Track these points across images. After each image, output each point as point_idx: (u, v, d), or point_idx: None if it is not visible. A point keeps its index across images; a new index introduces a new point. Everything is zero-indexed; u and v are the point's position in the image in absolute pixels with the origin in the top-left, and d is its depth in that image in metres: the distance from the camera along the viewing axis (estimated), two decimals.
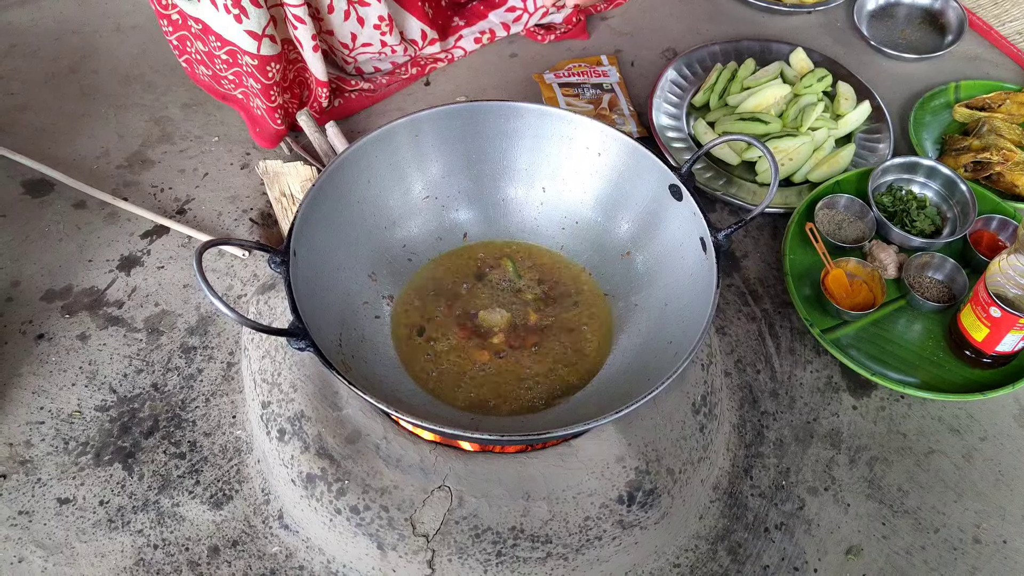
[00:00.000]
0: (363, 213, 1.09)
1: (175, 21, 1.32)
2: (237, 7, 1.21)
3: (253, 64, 1.28)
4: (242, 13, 1.22)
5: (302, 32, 1.29)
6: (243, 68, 1.30)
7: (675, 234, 1.05)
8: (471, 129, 1.12)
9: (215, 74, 1.36)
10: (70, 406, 1.13)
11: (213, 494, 1.07)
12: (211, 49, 1.31)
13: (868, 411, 1.17)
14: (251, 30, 1.24)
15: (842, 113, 1.45)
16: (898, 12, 1.72)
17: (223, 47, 1.28)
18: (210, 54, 1.32)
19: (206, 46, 1.32)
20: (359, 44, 1.43)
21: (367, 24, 1.38)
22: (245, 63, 1.29)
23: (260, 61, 1.27)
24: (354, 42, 1.42)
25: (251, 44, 1.25)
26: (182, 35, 1.35)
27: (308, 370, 1.04)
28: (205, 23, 1.27)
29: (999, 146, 1.38)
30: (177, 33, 1.34)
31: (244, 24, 1.23)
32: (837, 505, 1.09)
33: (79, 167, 1.40)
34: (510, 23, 1.59)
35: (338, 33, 1.39)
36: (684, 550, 1.04)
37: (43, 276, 1.26)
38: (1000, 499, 1.10)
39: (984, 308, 1.11)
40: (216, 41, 1.28)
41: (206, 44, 1.31)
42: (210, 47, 1.31)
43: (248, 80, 1.32)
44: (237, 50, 1.27)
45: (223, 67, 1.33)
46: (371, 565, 0.98)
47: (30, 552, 1.02)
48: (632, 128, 1.46)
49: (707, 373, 1.08)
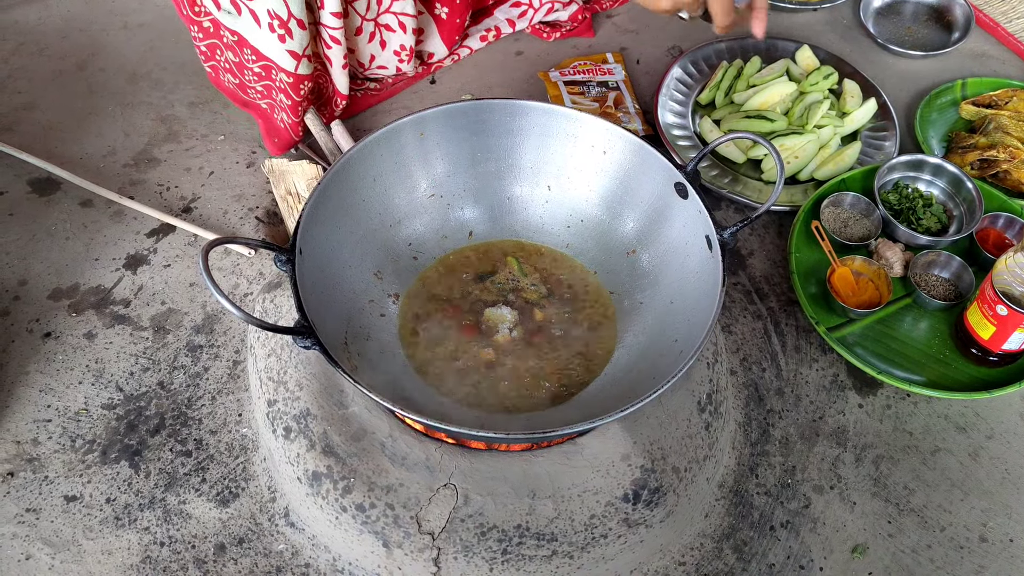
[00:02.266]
0: (369, 211, 1.09)
1: (206, 29, 1.31)
2: (283, 28, 1.21)
3: (288, 81, 1.28)
4: (287, 34, 1.23)
5: (335, 52, 1.30)
6: (275, 83, 1.30)
7: (681, 232, 1.05)
8: (476, 127, 1.12)
9: (242, 83, 1.36)
10: (77, 404, 1.14)
11: (219, 492, 1.07)
12: (243, 61, 1.30)
13: (874, 409, 1.16)
14: (293, 50, 1.25)
15: (848, 111, 1.45)
16: (904, 9, 1.71)
17: (258, 61, 1.28)
18: (241, 65, 1.32)
19: (237, 57, 1.31)
20: (375, 65, 1.45)
21: (388, 48, 1.40)
22: (279, 79, 1.28)
23: (295, 79, 1.28)
24: (371, 63, 1.44)
25: (291, 63, 1.26)
26: (212, 43, 1.34)
27: (314, 368, 1.04)
28: (242, 36, 1.26)
29: (1006, 144, 1.38)
30: (207, 41, 1.33)
31: (287, 44, 1.24)
32: (843, 503, 1.08)
33: (86, 166, 1.40)
34: (515, 19, 1.59)
35: (359, 52, 1.41)
36: (689, 548, 1.04)
37: (50, 275, 1.27)
38: (1007, 497, 1.09)
39: (991, 306, 1.10)
40: (251, 55, 1.28)
41: (238, 55, 1.30)
42: (242, 59, 1.30)
43: (279, 96, 1.32)
44: (272, 66, 1.27)
45: (253, 79, 1.33)
46: (376, 563, 0.98)
47: (37, 549, 1.02)
48: (637, 126, 1.46)
49: (712, 371, 1.08)
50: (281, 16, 1.20)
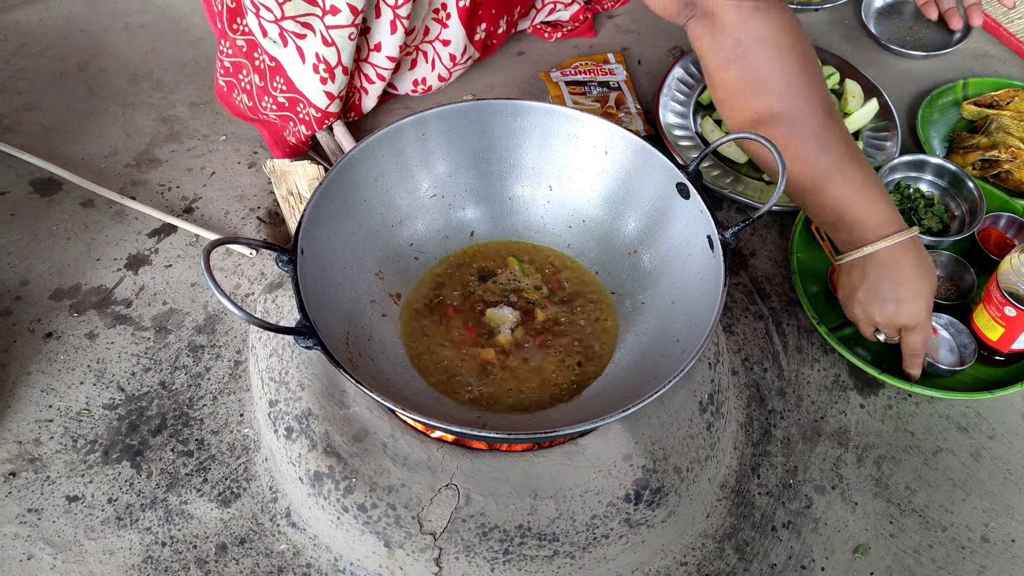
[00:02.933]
0: (370, 212, 1.09)
1: (239, 47, 1.28)
2: (328, 72, 1.22)
3: (315, 115, 1.28)
4: (330, 78, 1.24)
5: (376, 87, 1.32)
6: (297, 115, 1.30)
7: (682, 232, 1.05)
8: (478, 127, 1.12)
9: (255, 107, 1.34)
10: (78, 404, 1.14)
11: (221, 492, 1.07)
12: (268, 86, 1.28)
13: (876, 409, 1.16)
14: (330, 92, 1.26)
15: (849, 111, 1.45)
16: (906, 9, 1.71)
17: (287, 92, 1.27)
18: (264, 90, 1.30)
19: (263, 82, 1.29)
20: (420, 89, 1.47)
21: (430, 79, 1.43)
22: (306, 113, 1.28)
23: (323, 115, 1.28)
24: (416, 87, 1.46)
25: (324, 102, 1.27)
26: (240, 63, 1.32)
27: (315, 368, 1.04)
28: (280, 64, 1.26)
29: (1007, 144, 1.38)
30: (235, 59, 1.30)
31: (327, 86, 1.25)
32: (844, 504, 1.08)
33: (87, 166, 1.40)
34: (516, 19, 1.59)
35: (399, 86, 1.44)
36: (691, 548, 1.04)
37: (51, 275, 1.27)
38: (1008, 498, 1.09)
39: (998, 307, 1.10)
40: (282, 84, 1.27)
41: (264, 80, 1.29)
42: (268, 84, 1.28)
43: (299, 127, 1.31)
44: (302, 100, 1.27)
45: (272, 107, 1.32)
46: (378, 563, 0.98)
47: (39, 549, 1.02)
48: (639, 126, 1.46)
49: (714, 371, 1.08)
50: (329, 62, 1.21)
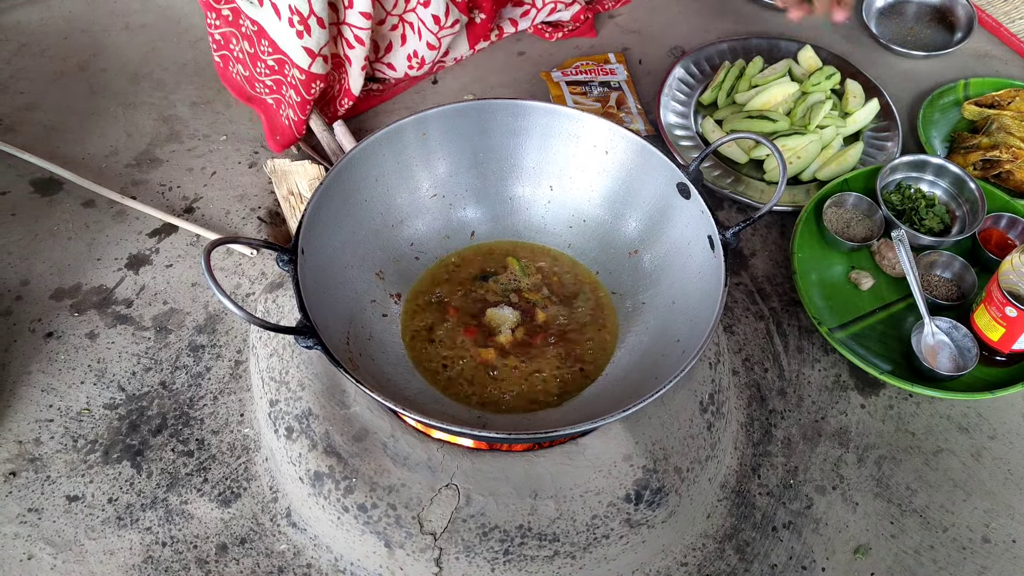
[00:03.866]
0: (371, 211, 1.09)
1: (225, 16, 1.29)
2: (302, 24, 1.21)
3: (300, 78, 1.27)
4: (305, 30, 1.22)
5: (357, 52, 1.30)
6: (286, 78, 1.30)
7: (683, 232, 1.05)
8: (479, 127, 1.12)
9: (252, 76, 1.35)
10: (79, 404, 1.14)
11: (221, 492, 1.07)
12: (258, 52, 1.29)
13: (876, 410, 1.16)
14: (309, 47, 1.24)
15: (850, 111, 1.45)
16: (907, 9, 1.71)
17: (273, 54, 1.27)
18: (255, 56, 1.30)
19: (253, 47, 1.30)
20: (385, 60, 1.45)
21: (400, 56, 1.41)
22: (292, 75, 1.28)
23: (308, 77, 1.27)
24: (387, 53, 1.44)
25: (305, 60, 1.25)
26: (229, 32, 1.32)
27: (316, 368, 1.04)
28: (262, 26, 1.25)
29: (1008, 144, 1.38)
30: (223, 29, 1.31)
31: (304, 40, 1.24)
32: (845, 504, 1.08)
33: (88, 166, 1.40)
34: (518, 19, 1.59)
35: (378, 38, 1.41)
36: (692, 549, 1.04)
37: (52, 275, 1.27)
38: (1009, 498, 1.09)
39: (999, 308, 1.10)
40: (268, 47, 1.27)
41: (254, 46, 1.29)
42: (258, 50, 1.29)
43: (288, 91, 1.31)
44: (287, 61, 1.27)
45: (266, 72, 1.32)
46: (378, 563, 0.98)
47: (39, 549, 1.02)
48: (640, 126, 1.46)
49: (715, 371, 1.08)
50: (302, 12, 1.20)
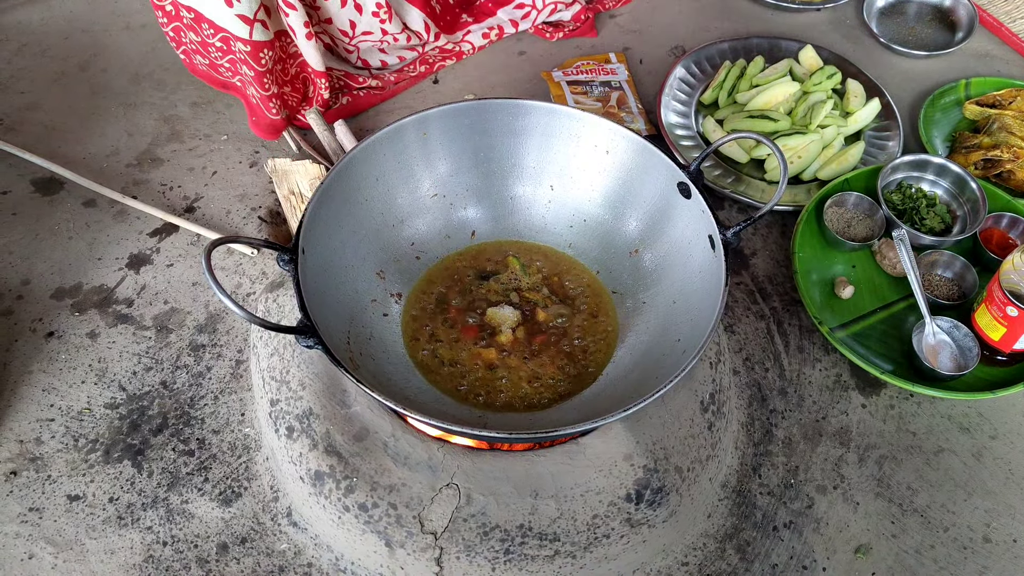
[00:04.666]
0: (371, 211, 1.09)
1: (168, 12, 1.31)
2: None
3: (246, 51, 1.27)
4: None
5: (294, 19, 1.29)
6: (236, 55, 1.29)
7: (684, 232, 1.05)
8: (479, 127, 1.12)
9: (212, 63, 1.36)
10: (80, 403, 1.14)
11: (222, 491, 1.07)
12: (204, 38, 1.30)
13: (877, 409, 1.16)
14: (242, 14, 1.24)
15: (851, 111, 1.44)
16: (908, 9, 1.71)
17: (216, 34, 1.28)
18: (204, 43, 1.31)
19: (199, 35, 1.30)
20: (359, 32, 1.43)
21: (365, 12, 1.38)
22: (238, 50, 1.28)
23: (252, 47, 1.27)
24: (353, 30, 1.42)
25: (243, 29, 1.25)
26: (176, 26, 1.34)
27: (316, 368, 1.04)
28: (197, 11, 1.26)
29: (1009, 143, 1.38)
30: (172, 24, 1.33)
31: (235, 8, 1.23)
32: (846, 504, 1.08)
33: (89, 165, 1.40)
34: (518, 20, 1.59)
35: (336, 21, 1.39)
36: (692, 548, 1.04)
37: (53, 274, 1.27)
38: (1010, 498, 1.09)
39: (1000, 307, 1.10)
40: (209, 28, 1.27)
41: (199, 33, 1.30)
42: (203, 36, 1.30)
43: (242, 68, 1.31)
44: (229, 36, 1.27)
45: (218, 55, 1.32)
46: (379, 562, 0.98)
47: (40, 548, 1.02)
48: (640, 126, 1.46)
49: (715, 371, 1.08)
50: None
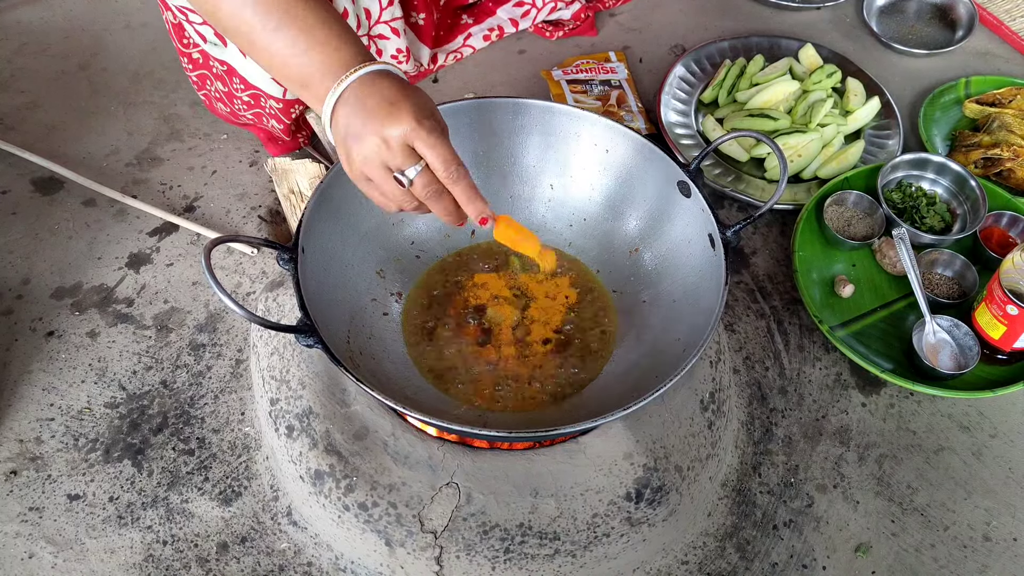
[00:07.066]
0: (371, 210, 1.09)
1: (195, 60, 1.29)
2: None
3: (277, 107, 1.27)
4: None
5: None
6: (265, 110, 1.29)
7: (684, 231, 1.05)
8: (479, 126, 1.12)
9: (233, 111, 1.35)
10: (80, 403, 1.14)
11: (222, 491, 1.07)
12: (232, 90, 1.28)
13: (877, 408, 1.16)
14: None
15: (851, 109, 1.44)
16: (908, 7, 1.71)
17: (246, 90, 1.27)
18: (230, 94, 1.30)
19: (226, 86, 1.28)
20: None
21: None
22: (269, 106, 1.27)
23: (285, 104, 1.27)
24: None
25: (277, 90, 1.24)
26: (202, 74, 1.32)
27: (316, 367, 1.04)
28: (231, 65, 1.25)
29: (1010, 142, 1.38)
30: (197, 72, 1.31)
31: None
32: (846, 502, 1.08)
33: (88, 165, 1.40)
34: (518, 19, 1.59)
35: None
36: (692, 547, 1.04)
37: (53, 274, 1.27)
38: (1010, 496, 1.09)
39: (1000, 306, 1.10)
40: (240, 84, 1.26)
41: (227, 85, 1.28)
42: (231, 88, 1.28)
43: (270, 121, 1.31)
44: (261, 94, 1.26)
45: (243, 107, 1.31)
46: (379, 561, 0.98)
47: (40, 548, 1.02)
48: (640, 125, 1.46)
49: (715, 370, 1.08)
50: None
